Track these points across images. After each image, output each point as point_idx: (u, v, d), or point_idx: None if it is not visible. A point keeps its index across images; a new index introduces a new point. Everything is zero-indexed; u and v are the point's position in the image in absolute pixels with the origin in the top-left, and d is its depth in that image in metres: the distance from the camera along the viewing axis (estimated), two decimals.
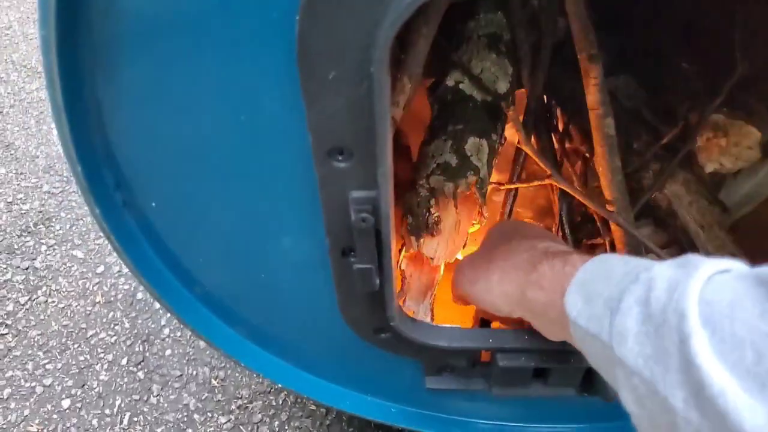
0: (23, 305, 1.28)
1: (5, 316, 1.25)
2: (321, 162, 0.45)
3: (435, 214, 0.75)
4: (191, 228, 0.54)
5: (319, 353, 0.73)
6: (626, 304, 0.35)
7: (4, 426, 1.06)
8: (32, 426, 1.06)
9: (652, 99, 0.96)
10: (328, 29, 0.35)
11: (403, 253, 0.82)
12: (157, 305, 1.28)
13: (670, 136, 0.81)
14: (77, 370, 1.15)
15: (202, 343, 1.20)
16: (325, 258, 0.55)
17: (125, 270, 1.36)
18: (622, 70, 0.96)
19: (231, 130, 0.45)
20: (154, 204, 0.52)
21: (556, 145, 0.89)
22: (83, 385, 1.13)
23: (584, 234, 0.86)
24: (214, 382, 1.14)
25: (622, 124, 0.90)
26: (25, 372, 1.15)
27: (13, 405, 1.09)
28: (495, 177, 0.84)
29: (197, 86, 0.42)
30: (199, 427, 1.06)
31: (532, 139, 0.90)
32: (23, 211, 1.52)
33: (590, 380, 0.67)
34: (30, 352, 1.18)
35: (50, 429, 1.05)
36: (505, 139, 0.84)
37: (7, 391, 1.11)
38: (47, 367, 1.16)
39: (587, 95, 0.78)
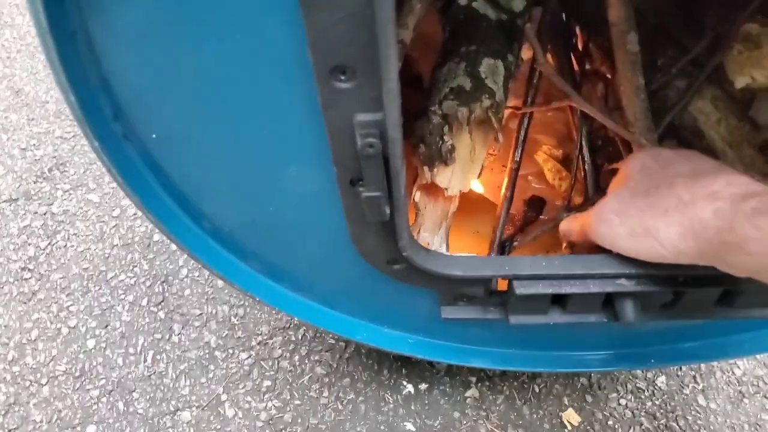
0: (44, 250, 1.30)
1: (27, 261, 1.27)
2: (323, 83, 0.42)
3: (448, 142, 0.72)
4: (195, 160, 0.52)
5: (333, 286, 0.72)
6: None
7: (34, 366, 1.09)
8: (60, 365, 1.09)
9: (679, 10, 0.90)
10: None
11: (416, 183, 0.79)
12: (174, 246, 1.28)
13: (697, 49, 0.76)
14: (100, 312, 1.17)
15: (220, 282, 1.21)
16: (335, 187, 0.53)
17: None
18: None
19: (230, 52, 0.42)
20: (154, 135, 0.50)
21: (575, 66, 0.84)
22: (106, 326, 1.15)
23: (604, 158, 0.82)
24: (233, 319, 1.15)
25: (646, 40, 0.85)
26: (50, 314, 1.17)
27: (41, 346, 1.12)
28: (510, 101, 0.80)
29: (192, 9, 0.39)
30: (221, 363, 1.09)
31: (550, 59, 0.86)
32: (37, 157, 1.51)
33: (610, 305, 0.66)
34: (53, 295, 1.20)
35: (78, 368, 1.08)
36: (522, 60, 0.80)
37: (35, 332, 1.14)
38: (71, 309, 1.18)
39: (609, 9, 0.73)
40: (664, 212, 0.49)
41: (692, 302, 0.65)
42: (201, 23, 0.41)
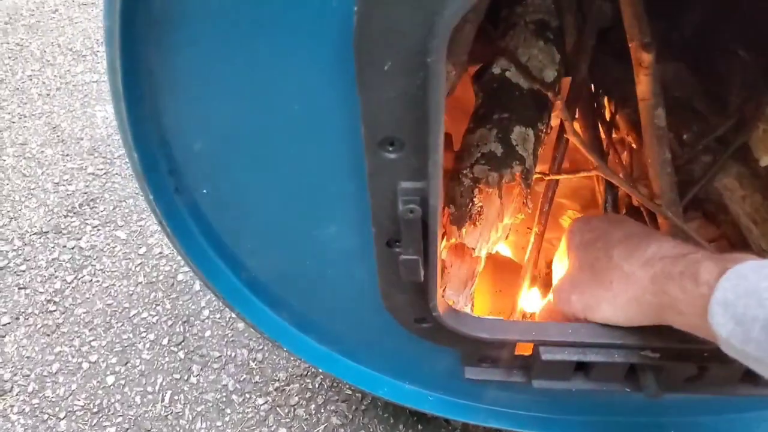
0: (69, 283, 1.32)
1: (53, 293, 1.30)
2: (372, 152, 0.45)
3: (478, 204, 0.75)
4: (240, 215, 0.55)
5: (358, 340, 0.73)
6: None
7: (54, 399, 1.10)
8: (79, 400, 1.10)
9: (705, 88, 0.93)
10: (386, 18, 0.35)
11: (444, 243, 0.81)
12: (197, 287, 1.31)
13: (724, 128, 0.78)
14: (121, 348, 1.19)
15: (240, 325, 1.23)
16: (370, 248, 0.55)
17: (166, 251, 1.39)
18: (672, 56, 0.93)
19: (283, 118, 0.45)
20: (205, 191, 0.53)
21: (602, 135, 0.87)
22: (126, 363, 1.16)
23: None
24: (252, 364, 1.16)
25: (671, 114, 0.87)
26: (72, 348, 1.19)
27: (61, 379, 1.13)
28: (537, 166, 0.83)
29: (252, 73, 0.42)
30: (238, 407, 1.09)
31: (578, 129, 0.89)
32: (69, 192, 1.56)
33: (634, 376, 0.66)
34: (76, 329, 1.22)
35: (96, 404, 1.09)
36: (551, 128, 0.82)
37: (56, 366, 1.16)
38: (92, 344, 1.19)
39: (637, 84, 0.76)
40: (610, 284, 0.57)
41: (716, 377, 0.66)
42: (260, 91, 0.44)
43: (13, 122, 1.79)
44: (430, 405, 0.81)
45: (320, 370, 0.74)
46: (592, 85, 0.89)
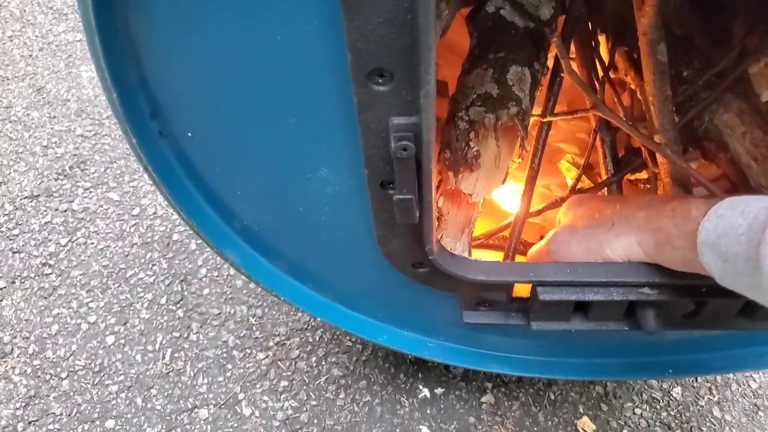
0: (64, 246, 1.31)
1: (48, 257, 1.29)
2: (360, 85, 0.43)
3: (474, 148, 0.73)
4: (228, 160, 0.53)
5: (356, 288, 0.73)
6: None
7: (55, 360, 1.10)
8: (80, 360, 1.10)
9: (706, 22, 0.90)
10: None
11: (440, 189, 0.80)
12: (194, 246, 1.30)
13: (724, 62, 0.76)
14: (119, 309, 1.19)
15: (239, 283, 1.22)
16: (364, 190, 0.53)
17: (160, 212, 1.38)
18: None
19: (267, 54, 0.43)
20: (190, 134, 0.51)
21: (599, 74, 0.84)
22: (125, 323, 1.16)
23: (628, 168, 0.82)
24: (251, 320, 1.16)
25: (671, 51, 0.85)
26: (71, 310, 1.19)
27: (61, 341, 1.14)
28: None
29: (233, 10, 0.40)
30: (239, 362, 1.09)
31: (575, 68, 0.86)
32: (58, 155, 1.54)
33: (632, 314, 0.66)
34: (73, 291, 1.22)
35: (97, 363, 1.09)
36: (548, 68, 0.80)
37: (55, 327, 1.16)
38: (90, 305, 1.19)
39: (640, 18, 0.73)
40: (611, 227, 0.60)
41: (714, 313, 0.65)
42: (239, 24, 0.41)
43: None
44: (430, 351, 0.82)
45: (319, 320, 0.73)
46: (589, 23, 0.86)
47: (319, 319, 0.72)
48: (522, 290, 0.69)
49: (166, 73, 0.46)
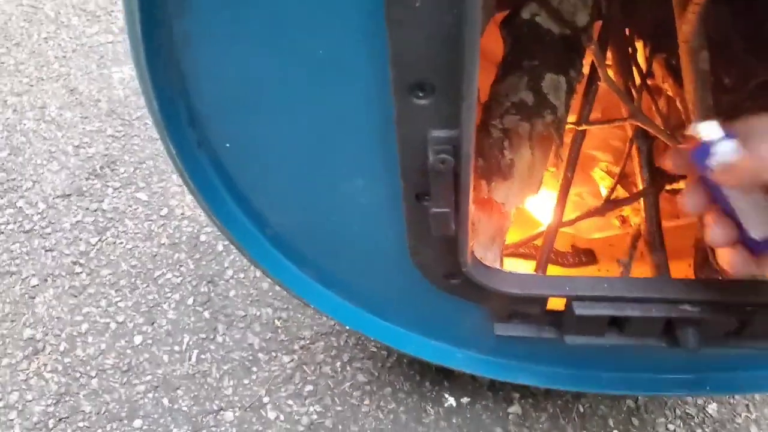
0: (94, 245, 1.33)
1: (79, 255, 1.31)
2: (401, 98, 0.42)
3: (508, 157, 0.72)
4: (264, 169, 0.53)
5: (385, 296, 0.72)
6: None
7: (84, 358, 1.12)
8: (109, 359, 1.11)
9: (744, 29, 0.87)
10: None
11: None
12: (221, 248, 1.31)
13: None
14: (146, 309, 1.20)
15: (265, 285, 1.23)
16: (398, 201, 0.53)
17: (188, 212, 1.39)
18: None
19: (307, 64, 0.43)
20: (228, 145, 0.51)
21: (636, 82, 0.83)
22: (153, 323, 1.17)
23: (667, 179, 0.80)
24: (277, 322, 1.16)
25: (713, 60, 0.83)
26: (100, 309, 1.20)
27: (90, 339, 1.15)
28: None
29: (273, 16, 0.40)
30: (264, 365, 1.10)
31: (612, 75, 0.85)
32: (89, 155, 1.56)
33: (671, 330, 0.64)
34: (103, 290, 1.23)
35: (125, 362, 1.11)
36: (584, 75, 0.78)
37: (85, 326, 1.17)
38: (119, 304, 1.21)
39: (682, 25, 0.71)
40: None
41: (758, 331, 0.63)
42: (282, 35, 0.41)
43: (32, 85, 1.78)
44: (457, 362, 0.81)
45: (346, 328, 0.73)
46: (626, 29, 0.84)
47: (346, 326, 0.72)
48: (555, 303, 0.67)
49: (206, 81, 0.46)
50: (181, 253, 1.31)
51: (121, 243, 1.34)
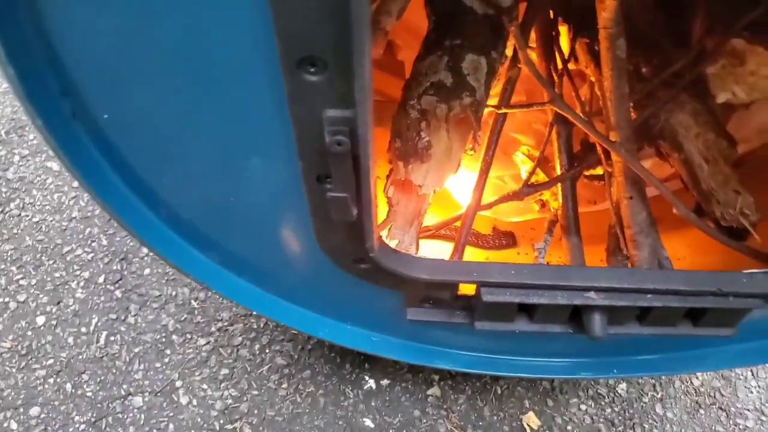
0: None
1: None
2: (290, 74, 0.39)
3: (425, 138, 0.70)
4: (151, 143, 0.49)
5: (296, 281, 0.69)
6: None
7: None
8: (5, 342, 1.04)
9: (669, 20, 0.88)
10: None
11: (390, 178, 0.77)
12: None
13: (682, 61, 0.75)
14: (52, 287, 1.12)
15: None
16: (300, 183, 0.50)
17: None
18: None
19: (193, 31, 0.39)
20: (106, 116, 0.46)
21: (559, 66, 0.82)
22: (59, 303, 1.10)
23: (583, 164, 0.80)
24: (193, 303, 1.11)
25: (632, 46, 0.83)
26: None
27: None
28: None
29: None
30: (178, 348, 1.05)
31: (534, 58, 0.84)
32: None
33: (578, 317, 0.65)
34: (2, 266, 1.15)
35: (24, 345, 1.03)
36: (506, 57, 0.77)
37: None
38: (21, 282, 1.12)
39: (601, 12, 0.71)
40: None
41: (659, 317, 0.65)
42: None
43: None
44: (373, 346, 0.79)
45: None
46: (551, 11, 0.83)
47: (255, 312, 0.69)
48: (467, 288, 0.67)
49: (78, 44, 0.41)
50: (93, 227, 1.24)
51: (27, 215, 1.25)
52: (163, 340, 1.06)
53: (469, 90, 0.70)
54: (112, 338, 1.06)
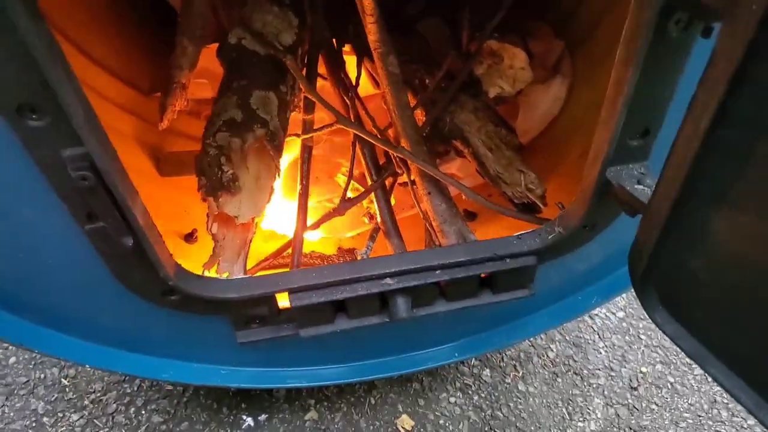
0: None
1: None
2: (14, 122, 0.44)
3: (228, 172, 0.75)
4: None
5: (123, 327, 0.71)
6: None
7: None
8: None
9: (454, 36, 1.01)
10: None
11: (210, 215, 0.81)
12: None
13: (445, 66, 0.86)
14: None
15: None
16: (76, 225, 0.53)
17: None
18: (432, 13, 1.01)
19: None
20: None
21: (348, 88, 0.91)
22: None
23: (386, 174, 0.89)
24: (64, 381, 1.09)
25: (418, 62, 0.94)
26: None
27: None
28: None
29: None
30: (50, 429, 1.02)
31: (330, 85, 0.92)
32: None
33: (387, 306, 0.70)
34: None
35: None
36: (300, 89, 0.85)
37: None
38: None
39: (368, 35, 0.80)
40: None
41: (457, 290, 0.71)
42: None
43: None
44: (222, 378, 0.81)
45: (97, 368, 0.71)
46: (334, 42, 0.93)
47: (88, 366, 0.70)
48: (286, 300, 0.71)
49: None
50: None
51: None
52: (34, 424, 1.03)
53: (260, 122, 0.77)
54: None
